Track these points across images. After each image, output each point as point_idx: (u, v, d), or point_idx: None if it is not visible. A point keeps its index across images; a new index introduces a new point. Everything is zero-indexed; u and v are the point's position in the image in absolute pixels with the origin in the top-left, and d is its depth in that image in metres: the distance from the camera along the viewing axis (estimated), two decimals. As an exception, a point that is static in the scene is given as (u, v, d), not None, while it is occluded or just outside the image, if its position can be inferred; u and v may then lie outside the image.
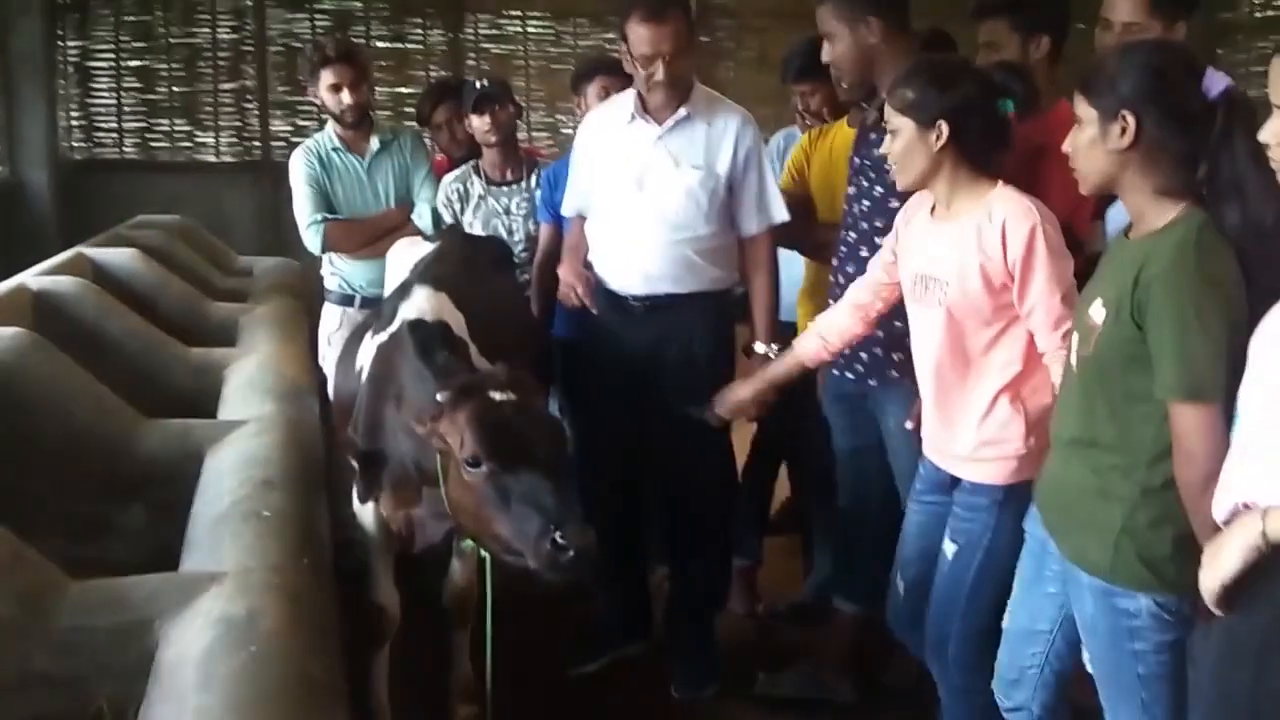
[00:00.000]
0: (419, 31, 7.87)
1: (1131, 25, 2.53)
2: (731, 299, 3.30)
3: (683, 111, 3.06)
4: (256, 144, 7.62)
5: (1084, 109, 1.97)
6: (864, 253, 2.74)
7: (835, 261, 2.88)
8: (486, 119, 3.71)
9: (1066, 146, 2.02)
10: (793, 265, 3.38)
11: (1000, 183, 2.29)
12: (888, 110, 2.32)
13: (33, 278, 3.70)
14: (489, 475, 2.14)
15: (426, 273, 2.84)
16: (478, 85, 3.81)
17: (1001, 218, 2.23)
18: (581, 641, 3.42)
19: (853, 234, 2.79)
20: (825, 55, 2.75)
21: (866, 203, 2.74)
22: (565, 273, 3.24)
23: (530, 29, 8.08)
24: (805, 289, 3.39)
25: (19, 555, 1.87)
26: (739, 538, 3.62)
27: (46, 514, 2.74)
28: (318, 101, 3.97)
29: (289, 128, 7.53)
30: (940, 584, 2.49)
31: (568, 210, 3.36)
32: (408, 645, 2.89)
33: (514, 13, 8.10)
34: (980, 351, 2.32)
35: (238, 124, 7.66)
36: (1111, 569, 1.96)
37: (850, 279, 2.75)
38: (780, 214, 3.16)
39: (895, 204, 2.63)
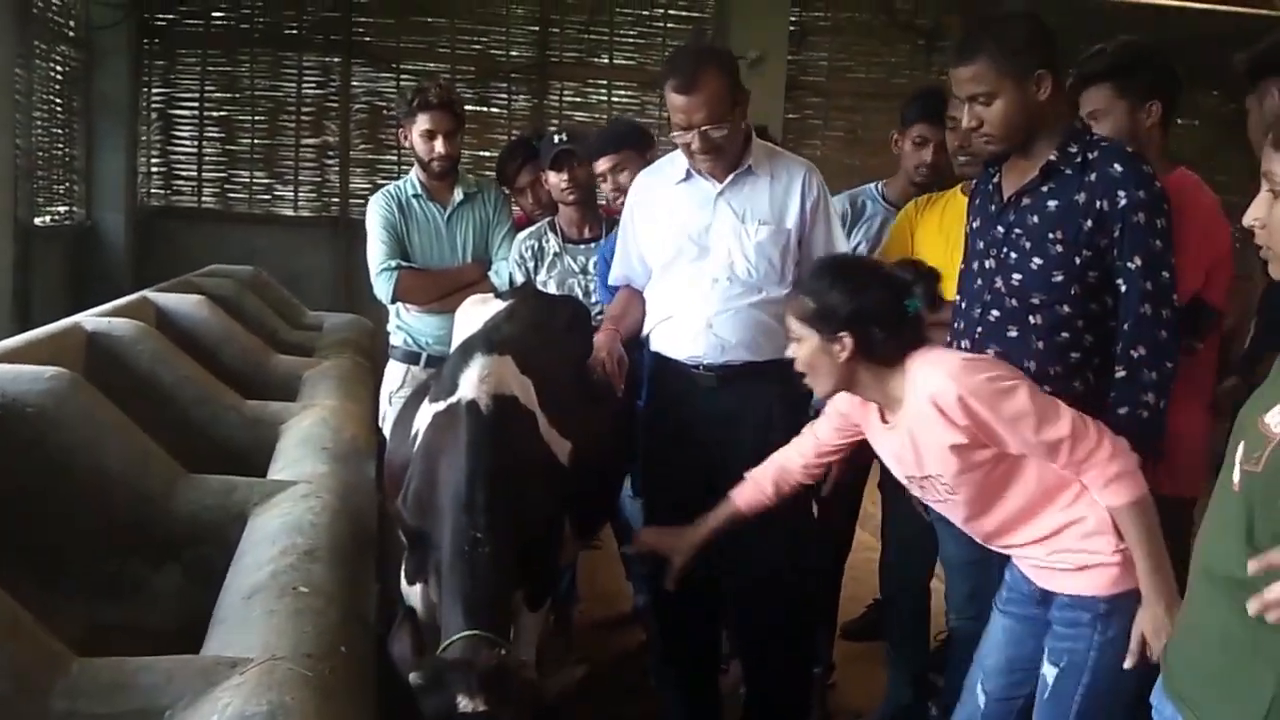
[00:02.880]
0: (503, 96, 7.79)
1: None
2: None
3: (742, 165, 2.84)
4: (335, 200, 7.54)
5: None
6: (1013, 332, 2.44)
7: (965, 344, 2.56)
8: (565, 175, 3.52)
9: (1251, 218, 1.69)
10: None
11: (909, 359, 2.13)
12: (788, 317, 2.20)
13: (89, 318, 3.55)
14: None
15: (492, 335, 2.63)
16: (555, 140, 3.60)
17: (928, 400, 2.07)
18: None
19: (996, 311, 2.47)
20: (970, 119, 2.44)
21: (1019, 275, 2.42)
22: (600, 341, 2.95)
23: (615, 98, 7.98)
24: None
25: (16, 623, 1.64)
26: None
27: (74, 571, 2.56)
28: (406, 145, 3.82)
29: (368, 185, 7.43)
30: (1041, 712, 2.19)
31: (614, 279, 3.14)
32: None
33: (600, 81, 8.01)
34: (1013, 493, 2.13)
35: (317, 179, 7.60)
36: None
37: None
38: None
39: (1059, 277, 2.36)
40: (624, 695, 3.10)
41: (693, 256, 2.87)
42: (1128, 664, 2.07)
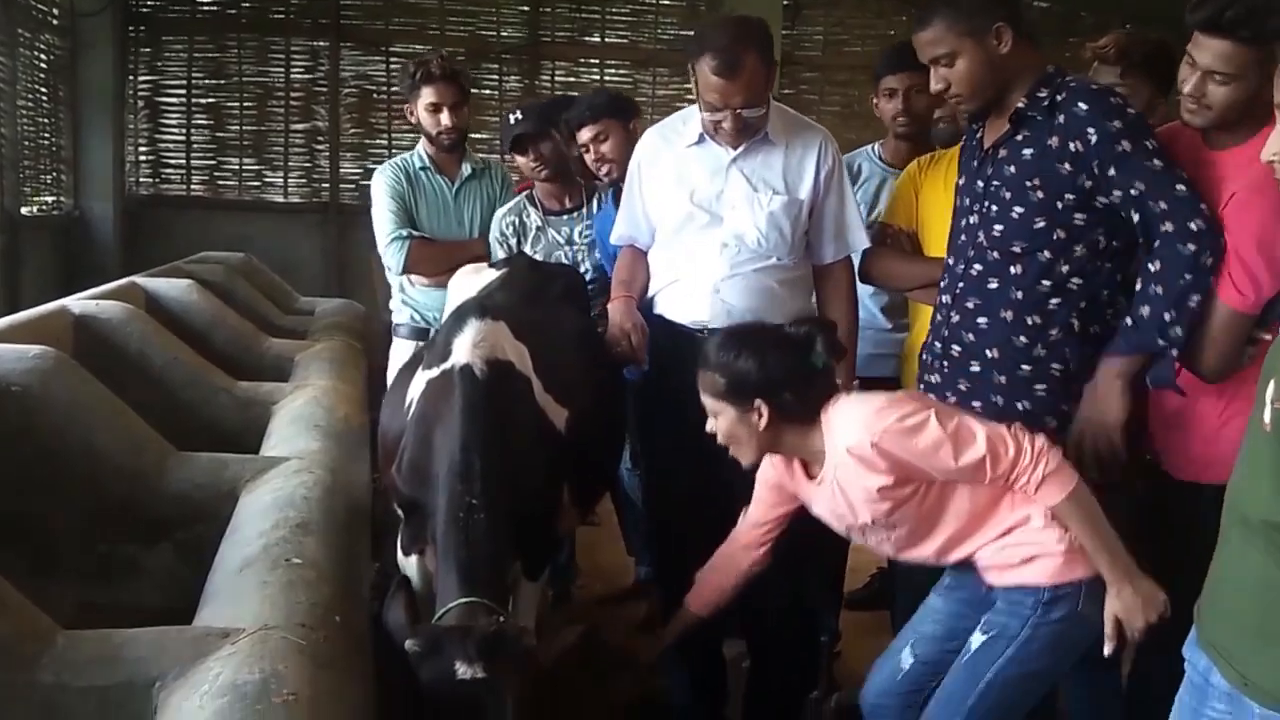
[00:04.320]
0: (494, 78, 7.72)
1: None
2: None
3: (759, 133, 2.78)
4: (325, 186, 7.47)
5: None
6: (992, 284, 2.42)
7: (947, 298, 2.54)
8: (529, 157, 3.46)
9: (1270, 154, 1.61)
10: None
11: (825, 411, 2.14)
12: (703, 395, 2.20)
13: (76, 301, 3.50)
14: None
15: (486, 302, 2.57)
16: (511, 120, 3.53)
17: (845, 452, 2.09)
18: (652, 716, 3.06)
19: (978, 265, 2.45)
20: (938, 83, 2.44)
21: (1000, 226, 2.40)
22: (616, 312, 2.88)
23: (608, 77, 7.91)
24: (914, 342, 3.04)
25: (0, 597, 1.58)
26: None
27: (63, 552, 2.51)
28: (413, 121, 3.75)
29: (359, 170, 7.37)
30: (953, 674, 2.19)
31: (618, 238, 3.05)
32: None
33: (592, 61, 7.94)
34: (950, 515, 2.14)
35: (307, 165, 7.52)
36: None
37: (971, 314, 2.45)
38: (860, 241, 2.88)
39: (1041, 223, 2.34)
40: (626, 668, 3.04)
41: (703, 223, 2.81)
42: (1107, 650, 2.06)
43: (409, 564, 2.31)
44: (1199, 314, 2.21)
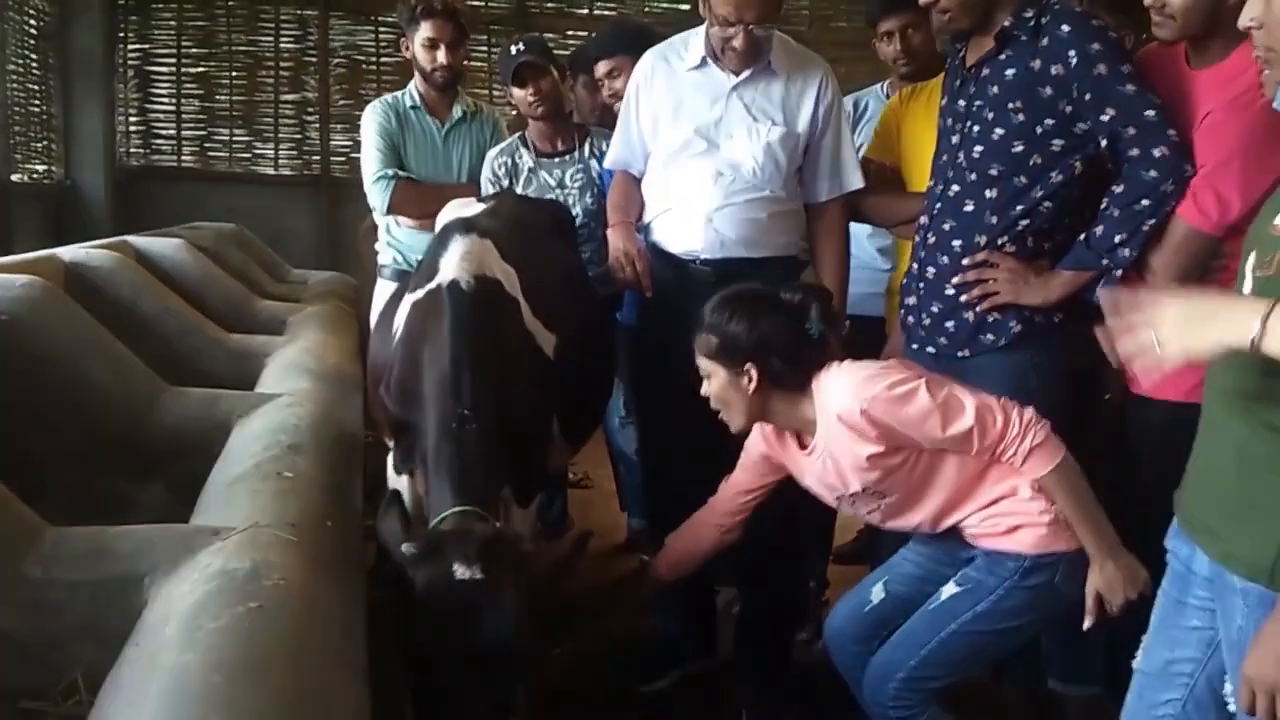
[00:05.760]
0: (483, 48, 7.68)
1: None
2: (802, 267, 2.99)
3: (762, 61, 2.76)
4: (316, 158, 7.42)
5: None
6: (968, 207, 2.42)
7: (926, 219, 2.55)
8: (529, 90, 3.40)
9: (1247, 19, 1.55)
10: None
11: (816, 380, 2.16)
12: (698, 355, 2.23)
13: (67, 250, 3.48)
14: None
15: (473, 221, 2.54)
16: (514, 51, 3.46)
17: (836, 418, 2.11)
18: (645, 658, 3.07)
19: (956, 186, 2.46)
20: None
21: (980, 148, 2.41)
22: (617, 238, 2.87)
23: (597, 48, 7.88)
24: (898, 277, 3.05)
25: (-13, 493, 1.58)
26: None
27: (55, 486, 2.47)
28: (408, 55, 3.72)
29: (349, 143, 7.31)
30: (917, 617, 2.24)
31: (612, 162, 3.04)
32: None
33: (580, 32, 7.90)
34: (939, 483, 2.16)
35: (297, 136, 7.47)
36: (1274, 570, 1.49)
37: (946, 236, 2.46)
38: (855, 181, 2.88)
39: (1019, 147, 2.35)
40: (620, 616, 3.06)
41: (700, 150, 2.80)
42: (1086, 623, 2.09)
43: (401, 483, 2.31)
44: (1151, 237, 2.23)
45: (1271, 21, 1.50)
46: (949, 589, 2.21)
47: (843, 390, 2.11)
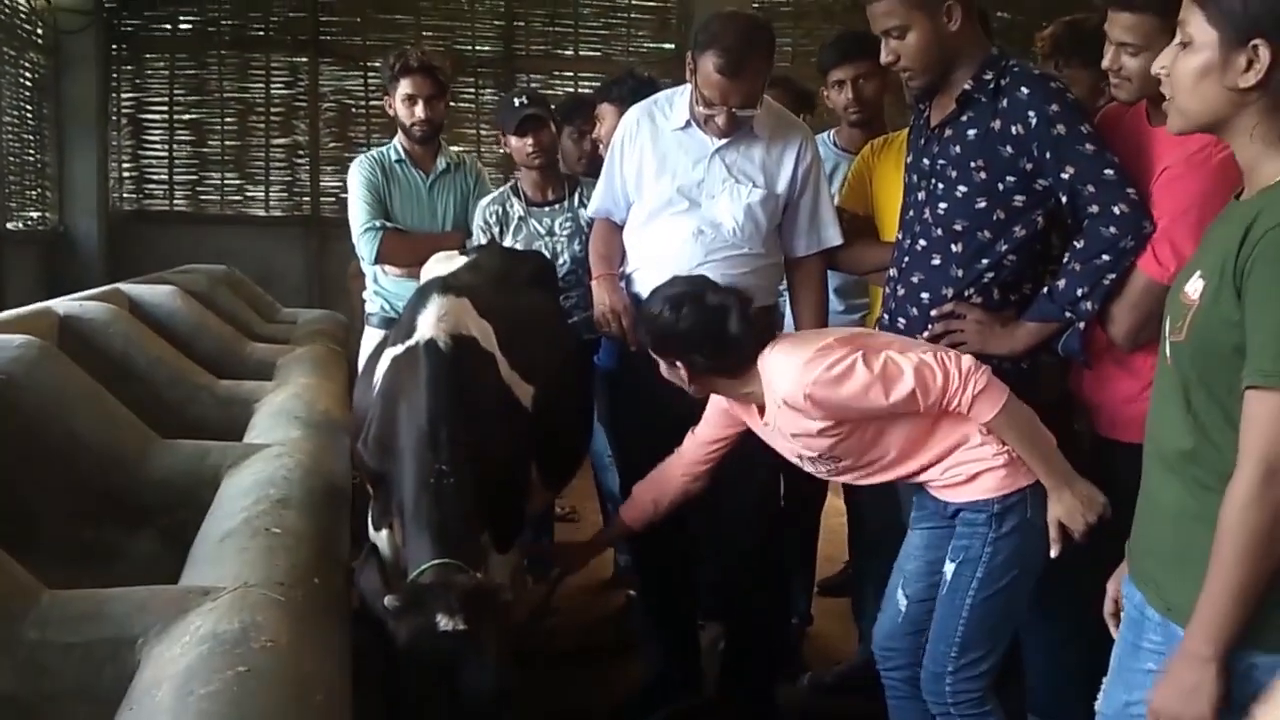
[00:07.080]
0: (470, 91, 7.80)
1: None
2: (777, 317, 3.07)
3: (744, 125, 2.84)
4: (306, 199, 7.53)
5: (1199, 26, 1.55)
6: (935, 260, 2.50)
7: (894, 272, 2.62)
8: (530, 140, 3.52)
9: (1158, 66, 1.66)
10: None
11: (760, 359, 2.30)
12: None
13: (61, 302, 3.55)
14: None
15: (449, 280, 2.62)
16: (517, 104, 3.60)
17: (781, 401, 2.24)
18: (634, 696, 3.13)
19: (923, 241, 2.54)
20: (888, 55, 2.51)
21: (944, 205, 2.49)
22: (602, 292, 2.95)
23: (581, 89, 7.98)
24: (871, 322, 3.13)
25: (-14, 557, 1.64)
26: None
27: (47, 538, 2.54)
28: (391, 112, 3.83)
29: (339, 184, 7.42)
30: (938, 610, 2.31)
31: (595, 210, 3.11)
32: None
33: (566, 73, 8.02)
34: (891, 437, 2.26)
35: (288, 179, 7.59)
36: None
37: (915, 288, 2.53)
38: (833, 237, 2.95)
39: (982, 204, 2.42)
40: (605, 654, 3.12)
41: (682, 209, 2.87)
42: (1053, 552, 2.18)
43: (379, 538, 2.36)
44: (1112, 291, 2.31)
45: (1176, 75, 1.62)
46: (948, 568, 2.28)
47: (785, 376, 2.22)
